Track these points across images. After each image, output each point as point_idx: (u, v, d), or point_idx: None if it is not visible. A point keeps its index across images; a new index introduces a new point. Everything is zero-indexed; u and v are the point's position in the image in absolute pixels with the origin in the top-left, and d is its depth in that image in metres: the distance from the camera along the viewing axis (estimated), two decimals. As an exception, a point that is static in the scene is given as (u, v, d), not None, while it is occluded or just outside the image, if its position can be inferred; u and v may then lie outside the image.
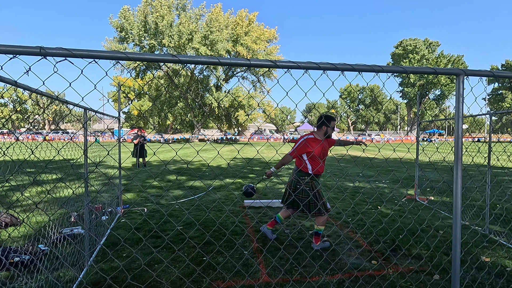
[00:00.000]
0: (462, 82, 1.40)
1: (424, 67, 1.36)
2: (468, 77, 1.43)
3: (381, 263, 3.13)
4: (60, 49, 1.01)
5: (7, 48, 0.96)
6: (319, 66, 1.21)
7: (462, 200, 5.90)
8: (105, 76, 1.21)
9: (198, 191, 6.88)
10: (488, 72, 1.44)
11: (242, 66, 1.14)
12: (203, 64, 1.18)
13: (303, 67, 1.20)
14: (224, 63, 1.13)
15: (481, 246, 3.51)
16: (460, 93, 1.41)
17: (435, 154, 15.32)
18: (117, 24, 33.37)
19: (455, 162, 1.45)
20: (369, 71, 1.29)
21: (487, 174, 3.99)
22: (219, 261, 3.19)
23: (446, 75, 1.45)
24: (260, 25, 36.13)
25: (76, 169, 9.85)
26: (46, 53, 1.00)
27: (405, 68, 1.33)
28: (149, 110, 46.17)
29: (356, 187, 7.40)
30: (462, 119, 1.41)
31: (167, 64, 37.29)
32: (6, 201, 5.68)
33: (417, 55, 53.76)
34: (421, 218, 4.70)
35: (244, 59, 1.13)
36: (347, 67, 1.25)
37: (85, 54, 1.03)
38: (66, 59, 1.04)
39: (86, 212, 3.07)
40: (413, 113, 59.25)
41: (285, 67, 1.20)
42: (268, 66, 1.17)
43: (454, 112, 1.43)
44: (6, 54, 0.98)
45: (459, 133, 1.41)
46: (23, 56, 1.01)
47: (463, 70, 1.39)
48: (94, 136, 15.91)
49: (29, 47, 0.99)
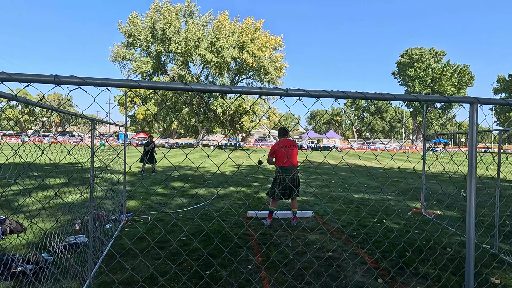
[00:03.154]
0: (476, 111, 1.38)
1: (438, 96, 1.34)
2: (482, 105, 1.41)
3: (387, 283, 3.07)
4: (73, 78, 1.02)
5: (22, 77, 0.97)
6: (330, 94, 1.21)
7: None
8: (115, 99, 1.20)
9: (202, 199, 6.86)
10: (502, 100, 1.41)
11: (254, 94, 1.14)
12: (215, 92, 1.18)
13: (314, 95, 1.19)
14: (235, 92, 1.13)
15: (491, 267, 3.43)
16: (474, 121, 1.39)
17: (439, 165, 15.12)
18: (125, 29, 33.89)
19: (468, 190, 1.42)
20: (381, 99, 1.28)
21: (497, 191, 3.92)
22: (222, 275, 3.16)
23: (458, 102, 1.42)
24: (266, 32, 36.41)
25: (81, 173, 9.90)
26: (60, 81, 1.01)
27: (417, 97, 1.31)
28: (154, 115, 46.49)
29: (361, 198, 7.32)
30: (476, 147, 1.38)
31: (173, 70, 37.63)
32: (11, 206, 5.71)
33: (423, 64, 53.60)
34: (429, 234, 4.61)
35: (256, 88, 1.13)
36: (359, 95, 1.24)
37: (98, 82, 1.03)
38: (79, 87, 1.05)
39: (91, 222, 3.07)
40: (418, 122, 58.88)
41: (297, 95, 1.19)
42: (280, 94, 1.17)
43: (468, 140, 1.41)
44: (21, 82, 0.99)
45: (472, 162, 1.39)
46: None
47: (477, 99, 1.36)
48: (100, 140, 16.03)
49: (43, 76, 0.99)
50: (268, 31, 36.59)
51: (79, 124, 21.60)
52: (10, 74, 0.97)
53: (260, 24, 36.02)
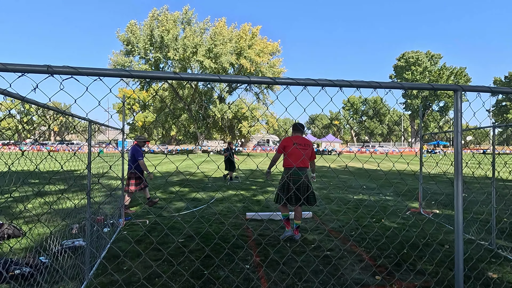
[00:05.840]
0: (460, 98, 1.41)
1: (422, 84, 1.38)
2: (466, 92, 1.45)
3: (385, 279, 3.07)
4: (66, 67, 1.05)
5: (16, 67, 1.00)
6: (317, 82, 1.24)
7: (467, 213, 5.81)
8: (109, 93, 1.24)
9: (201, 203, 6.86)
10: (486, 88, 1.45)
11: (242, 83, 1.17)
12: (204, 81, 1.21)
13: (302, 83, 1.23)
14: (224, 80, 1.16)
15: (486, 261, 3.44)
16: (458, 108, 1.42)
17: (437, 166, 15.19)
18: (123, 38, 34.17)
19: (456, 177, 1.45)
20: (367, 87, 1.31)
21: (492, 187, 3.94)
22: (220, 275, 3.16)
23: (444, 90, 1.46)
24: (264, 38, 36.75)
25: (79, 180, 9.90)
26: (53, 71, 1.04)
27: (402, 84, 1.35)
28: (153, 122, 46.61)
29: (359, 199, 7.33)
30: (461, 134, 1.42)
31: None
32: (9, 212, 5.70)
33: (419, 67, 54.07)
34: (426, 232, 4.62)
35: (244, 76, 1.16)
36: (345, 83, 1.27)
37: (90, 72, 1.07)
38: (72, 77, 1.08)
39: (88, 224, 3.07)
40: (416, 124, 59.11)
41: (284, 83, 1.23)
42: (267, 83, 1.20)
43: (453, 127, 1.44)
44: (15, 72, 1.02)
45: (458, 148, 1.42)
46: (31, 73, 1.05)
47: (461, 86, 1.40)
48: (99, 147, 15.96)
49: (37, 66, 1.03)
50: (265, 37, 36.96)
51: (78, 133, 21.57)
52: (5, 64, 1.01)
53: (257, 30, 36.37)
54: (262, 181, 10.93)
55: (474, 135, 59.45)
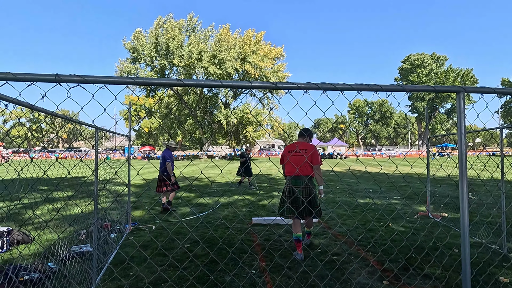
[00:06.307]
0: (463, 99, 1.41)
1: (424, 86, 1.38)
2: (469, 94, 1.45)
3: (392, 283, 3.03)
4: (73, 76, 1.09)
5: (25, 76, 1.04)
6: (318, 86, 1.26)
7: (475, 216, 5.70)
8: (115, 100, 1.27)
9: (206, 208, 6.88)
10: (489, 89, 1.45)
11: (245, 88, 1.19)
12: (207, 87, 1.24)
13: (303, 88, 1.24)
14: (227, 86, 1.18)
15: (495, 265, 3.37)
16: (461, 109, 1.42)
17: (444, 169, 14.98)
18: (129, 45, 34.74)
19: (460, 179, 1.44)
20: (368, 90, 1.32)
21: (502, 188, 3.88)
22: (226, 280, 3.15)
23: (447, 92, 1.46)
24: (268, 43, 36.98)
25: (87, 186, 10.02)
26: (60, 79, 1.08)
27: (404, 87, 1.35)
28: (159, 128, 47.03)
29: (366, 203, 7.26)
30: (464, 135, 1.41)
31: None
32: (19, 219, 5.79)
33: (425, 69, 53.65)
34: (433, 236, 4.55)
35: (246, 82, 1.19)
36: (346, 87, 1.28)
37: (96, 80, 1.10)
38: (79, 85, 1.12)
39: (95, 230, 3.11)
40: (422, 127, 58.49)
41: (285, 88, 1.24)
42: (269, 87, 1.22)
43: (457, 128, 1.44)
44: (24, 81, 1.06)
45: (462, 150, 1.41)
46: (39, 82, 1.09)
47: (463, 88, 1.40)
48: (106, 154, 16.15)
49: (45, 75, 1.07)
50: (269, 42, 37.18)
51: (85, 140, 22.11)
52: (15, 74, 1.05)
53: (261, 36, 36.64)
54: (267, 185, 10.91)
55: (482, 136, 58.57)
